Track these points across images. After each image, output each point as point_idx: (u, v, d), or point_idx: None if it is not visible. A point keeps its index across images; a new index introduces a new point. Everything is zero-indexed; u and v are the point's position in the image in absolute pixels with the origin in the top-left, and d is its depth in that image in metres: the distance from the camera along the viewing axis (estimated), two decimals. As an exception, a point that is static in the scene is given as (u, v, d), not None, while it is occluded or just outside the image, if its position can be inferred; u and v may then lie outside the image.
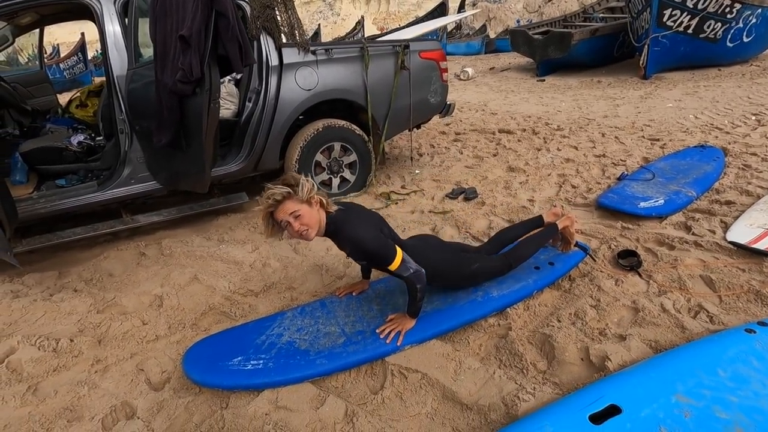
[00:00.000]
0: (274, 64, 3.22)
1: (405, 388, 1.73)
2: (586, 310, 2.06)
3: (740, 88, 7.30)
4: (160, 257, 2.94)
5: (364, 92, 3.57)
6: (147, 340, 2.11)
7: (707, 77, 8.28)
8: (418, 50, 3.81)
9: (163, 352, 2.01)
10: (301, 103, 3.33)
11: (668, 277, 2.33)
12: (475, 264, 2.09)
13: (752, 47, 8.86)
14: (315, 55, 3.35)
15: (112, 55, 2.74)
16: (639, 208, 3.04)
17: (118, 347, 2.08)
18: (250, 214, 3.64)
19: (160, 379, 1.86)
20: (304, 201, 1.72)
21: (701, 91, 7.36)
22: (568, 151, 4.80)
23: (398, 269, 1.77)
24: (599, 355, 1.74)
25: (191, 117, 2.37)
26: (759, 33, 8.61)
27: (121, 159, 2.91)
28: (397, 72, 3.70)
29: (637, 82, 8.58)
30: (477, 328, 2.04)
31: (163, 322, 2.23)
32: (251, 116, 3.26)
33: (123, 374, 1.89)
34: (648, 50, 8.35)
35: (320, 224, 1.78)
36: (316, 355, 1.80)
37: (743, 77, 8.04)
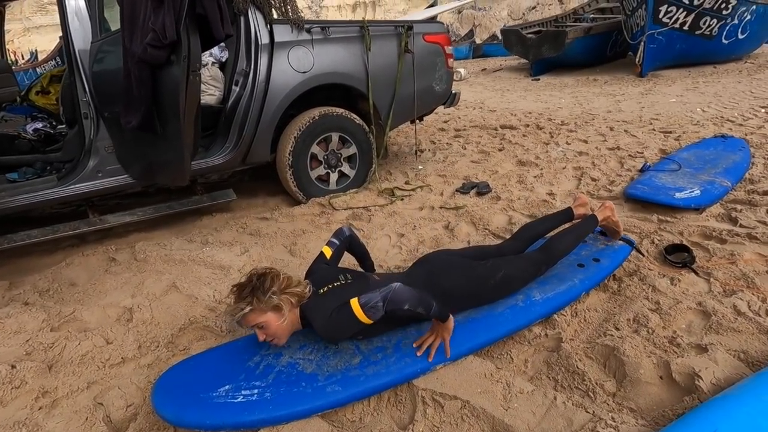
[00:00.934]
0: (265, 42, 2.84)
1: (442, 420, 1.35)
2: (648, 315, 1.72)
3: (740, 83, 7.17)
4: (132, 263, 2.51)
5: (365, 77, 3.22)
6: (110, 365, 1.70)
7: (704, 74, 8.16)
8: (422, 33, 3.47)
9: (129, 379, 1.60)
10: (294, 88, 2.96)
11: (730, 274, 2.01)
12: (499, 272, 1.73)
13: (747, 44, 8.81)
14: (310, 33, 2.98)
15: (72, 27, 2.34)
16: (675, 198, 2.73)
17: (72, 374, 1.65)
18: (239, 213, 3.24)
19: (123, 417, 1.45)
20: (270, 308, 1.46)
21: (701, 86, 7.21)
22: (578, 144, 4.51)
23: (370, 316, 1.38)
24: (684, 371, 1.39)
25: (166, 92, 1.98)
26: (753, 30, 8.56)
27: (85, 149, 2.49)
28: (401, 55, 3.36)
29: (634, 79, 8.41)
30: (520, 340, 1.67)
31: (131, 340, 1.82)
32: (238, 102, 2.87)
33: (75, 410, 1.47)
34: (644, 48, 8.20)
35: (292, 326, 1.53)
36: (326, 380, 1.41)
37: (741, 74, 7.94)
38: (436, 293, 1.48)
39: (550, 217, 2.15)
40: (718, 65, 8.69)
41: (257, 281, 1.49)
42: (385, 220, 2.94)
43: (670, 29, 8.01)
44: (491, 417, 1.32)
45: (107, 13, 2.29)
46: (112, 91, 2.29)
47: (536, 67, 10.16)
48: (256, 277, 1.51)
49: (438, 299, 1.45)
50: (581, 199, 2.19)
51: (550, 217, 2.15)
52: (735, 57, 8.93)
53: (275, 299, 1.45)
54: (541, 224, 2.10)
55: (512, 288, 1.76)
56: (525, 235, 2.03)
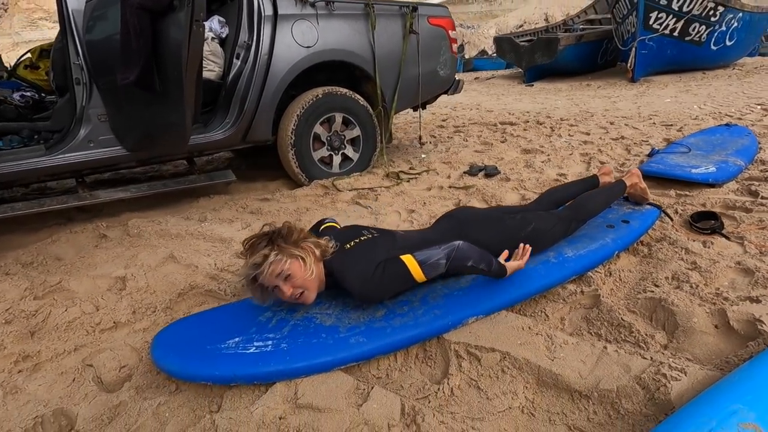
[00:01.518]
0: (268, 14, 2.74)
1: (480, 373, 1.20)
2: (687, 273, 1.60)
3: (731, 86, 7.28)
4: (125, 238, 2.34)
5: (370, 56, 3.13)
6: (101, 329, 1.52)
7: (695, 79, 8.30)
8: (427, 15, 3.41)
9: (123, 341, 1.42)
10: (298, 62, 2.85)
11: (762, 237, 1.91)
12: (529, 225, 1.62)
13: (734, 51, 9.01)
14: (315, 8, 2.89)
15: (67, -15, 2.21)
16: (692, 173, 2.66)
17: (57, 339, 1.47)
18: (237, 196, 3.08)
19: (116, 378, 1.27)
20: (294, 255, 1.28)
21: (694, 89, 7.30)
22: (581, 136, 4.47)
23: (427, 274, 1.30)
24: (743, 318, 1.27)
25: (167, 44, 1.85)
26: (740, 38, 8.77)
27: (76, 117, 2.33)
28: (406, 36, 3.29)
29: (627, 84, 8.52)
30: (554, 298, 1.54)
31: (125, 305, 1.64)
32: (240, 75, 2.75)
33: (61, 373, 1.29)
34: (636, 53, 8.33)
35: (320, 281, 1.35)
36: (348, 331, 1.26)
37: (730, 78, 8.09)
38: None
39: (575, 183, 2.06)
40: (707, 71, 8.86)
41: (274, 232, 1.34)
42: (393, 199, 2.81)
43: (661, 35, 8.16)
44: (536, 367, 1.17)
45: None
46: (108, 52, 2.15)
47: (529, 74, 10.27)
48: (271, 230, 1.36)
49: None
50: (605, 168, 2.12)
51: (575, 183, 2.06)
52: (723, 63, 9.12)
53: (298, 249, 1.30)
54: (565, 189, 2.00)
55: (542, 243, 1.63)
56: (550, 198, 1.93)
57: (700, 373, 1.07)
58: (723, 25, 8.28)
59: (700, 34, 8.26)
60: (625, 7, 8.48)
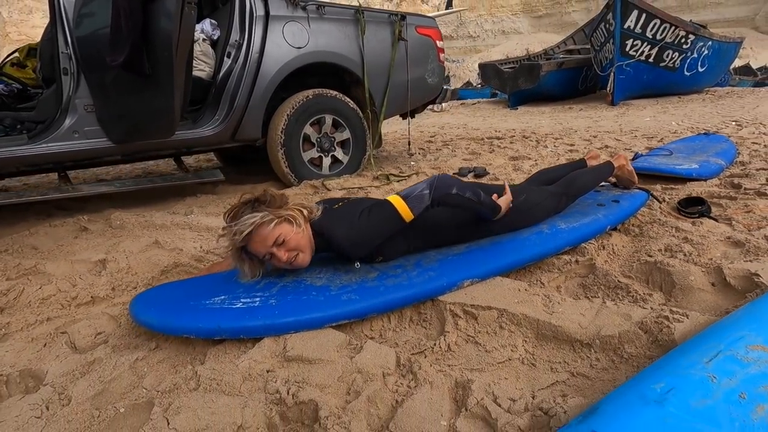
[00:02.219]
0: (260, 14, 2.79)
1: (477, 330, 1.16)
2: (680, 245, 1.60)
3: (706, 107, 7.60)
4: (107, 230, 2.26)
5: (359, 60, 3.19)
6: (77, 304, 1.44)
7: (671, 102, 8.64)
8: (415, 25, 3.52)
9: (100, 312, 1.34)
10: (289, 62, 2.89)
11: (749, 219, 1.93)
12: (521, 196, 1.61)
13: (706, 77, 9.46)
14: (306, 11, 2.96)
15: (59, -24, 2.23)
16: (677, 168, 2.71)
17: (30, 314, 1.38)
18: (225, 196, 3.03)
19: (91, 343, 1.19)
20: (283, 216, 1.24)
21: (671, 110, 7.59)
22: (566, 147, 4.57)
23: (413, 210, 1.26)
24: (739, 275, 1.26)
25: (158, 26, 1.85)
26: (711, 64, 9.23)
27: (62, 107, 2.29)
28: (395, 43, 3.37)
29: (607, 107, 8.82)
30: (548, 268, 1.52)
31: (104, 282, 1.56)
32: (230, 73, 2.77)
33: (31, 340, 1.21)
34: (614, 78, 8.68)
35: (311, 241, 1.30)
36: (340, 290, 1.21)
37: (704, 101, 8.45)
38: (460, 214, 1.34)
39: (564, 165, 2.08)
40: (682, 96, 9.25)
41: (257, 199, 1.29)
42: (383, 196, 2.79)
43: (637, 61, 8.54)
44: (535, 321, 1.13)
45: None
46: (97, 41, 2.15)
47: (513, 98, 10.58)
48: (253, 197, 1.30)
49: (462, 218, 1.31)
50: (593, 152, 2.15)
51: (564, 165, 2.08)
52: (697, 89, 9.54)
53: (286, 210, 1.26)
54: (555, 170, 2.02)
55: (534, 215, 1.63)
56: (540, 178, 1.94)
57: (701, 318, 1.05)
58: (695, 52, 8.72)
59: (673, 60, 8.67)
60: (603, 35, 8.91)
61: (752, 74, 16.13)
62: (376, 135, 3.51)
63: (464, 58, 32.08)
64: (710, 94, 9.51)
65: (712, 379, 0.72)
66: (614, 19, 8.23)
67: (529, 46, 32.87)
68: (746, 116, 6.12)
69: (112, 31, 1.91)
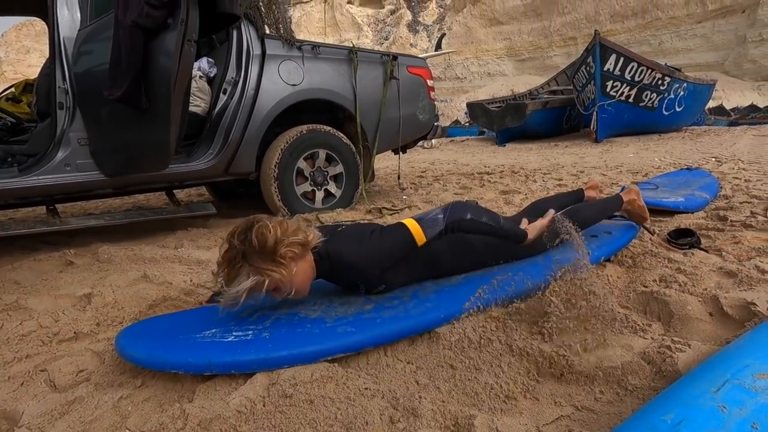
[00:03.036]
0: (256, 53, 2.88)
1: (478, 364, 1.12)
2: (674, 275, 1.61)
3: (686, 144, 7.89)
4: (93, 264, 2.20)
5: (352, 97, 3.28)
6: (59, 340, 1.37)
7: (653, 139, 8.97)
8: (406, 65, 3.65)
9: (84, 348, 1.28)
10: (284, 99, 2.95)
11: (739, 249, 1.96)
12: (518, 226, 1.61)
13: (684, 116, 9.88)
14: (301, 51, 3.06)
15: (61, 15, 2.28)
16: (664, 201, 2.77)
17: (8, 351, 1.31)
18: (217, 229, 3.00)
19: (72, 381, 1.13)
20: (272, 272, 1.16)
21: (653, 147, 7.86)
22: (554, 182, 4.66)
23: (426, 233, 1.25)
24: (736, 304, 1.26)
25: (157, 61, 1.89)
26: (687, 104, 9.67)
27: (56, 140, 2.29)
28: (387, 81, 3.48)
29: (591, 144, 9.11)
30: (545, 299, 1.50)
31: (88, 317, 1.51)
32: (225, 109, 2.82)
33: (7, 378, 1.14)
34: (597, 117, 9.02)
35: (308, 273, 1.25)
36: (336, 322, 1.18)
37: (684, 139, 8.78)
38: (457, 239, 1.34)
39: (561, 195, 2.08)
40: (662, 134, 9.61)
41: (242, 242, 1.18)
42: (377, 229, 2.79)
43: (618, 101, 8.92)
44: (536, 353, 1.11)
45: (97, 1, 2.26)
46: (96, 76, 2.18)
47: (501, 136, 10.89)
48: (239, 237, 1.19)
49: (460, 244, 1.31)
50: (592, 182, 2.13)
51: (561, 195, 2.08)
52: (675, 127, 9.94)
53: (275, 263, 1.15)
54: (552, 201, 2.01)
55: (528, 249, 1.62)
56: (536, 209, 1.94)
57: (703, 347, 1.03)
58: (671, 93, 9.15)
59: (652, 100, 9.07)
60: (584, 77, 9.33)
61: (726, 114, 16.90)
62: (368, 169, 3.55)
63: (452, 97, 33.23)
64: (689, 132, 9.90)
65: (722, 409, 0.70)
66: (594, 62, 8.66)
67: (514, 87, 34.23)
68: (725, 153, 6.35)
69: (112, 67, 1.95)
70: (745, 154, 6.15)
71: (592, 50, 8.72)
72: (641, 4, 27.69)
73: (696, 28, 26.01)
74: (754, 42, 23.73)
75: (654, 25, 27.13)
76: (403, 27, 37.11)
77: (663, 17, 26.67)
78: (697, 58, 25.36)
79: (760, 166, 4.79)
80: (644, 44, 26.04)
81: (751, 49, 23.87)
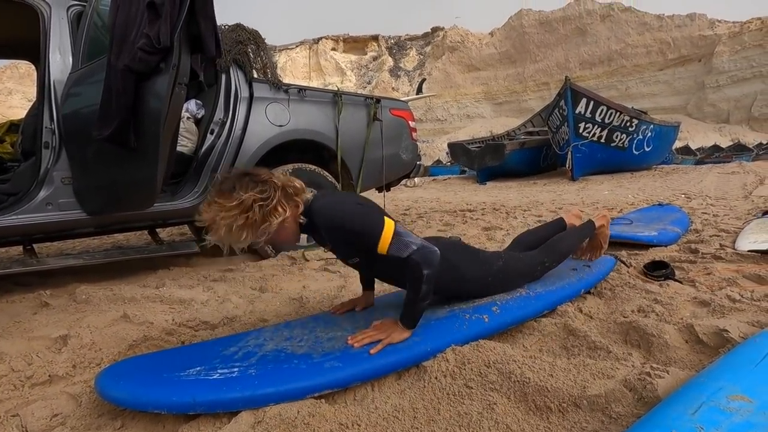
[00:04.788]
0: (244, 96, 2.97)
1: (463, 395, 1.13)
2: (651, 306, 1.66)
3: (656, 182, 8.25)
4: (70, 305, 2.14)
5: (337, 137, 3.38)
6: (33, 384, 1.32)
7: (626, 177, 9.35)
8: (389, 107, 3.81)
9: (59, 391, 1.24)
10: (270, 139, 3.02)
11: (711, 280, 2.04)
12: (499, 261, 1.66)
13: (653, 156, 10.39)
14: (287, 94, 3.18)
15: (53, 59, 2.34)
16: (639, 235, 2.88)
17: (-23, 396, 1.25)
18: (199, 268, 2.96)
19: (45, 425, 1.08)
20: (256, 220, 1.19)
21: (626, 184, 8.19)
22: (534, 218, 4.79)
23: (391, 247, 1.24)
24: (710, 331, 1.31)
25: (148, 102, 1.94)
26: (655, 145, 10.20)
27: (38, 179, 2.28)
28: (370, 123, 3.61)
29: (568, 182, 9.44)
30: (527, 331, 1.53)
31: (64, 359, 1.45)
32: (212, 149, 2.86)
33: (-23, 424, 1.09)
34: (572, 156, 9.42)
35: (296, 226, 1.30)
36: (323, 357, 1.17)
37: (654, 176, 9.18)
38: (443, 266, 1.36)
39: (544, 227, 2.13)
40: (634, 172, 10.04)
41: (239, 179, 1.22)
42: (362, 266, 2.80)
43: (591, 141, 9.35)
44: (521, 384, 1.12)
45: (90, 46, 2.33)
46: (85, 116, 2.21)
47: (481, 174, 11.21)
48: (236, 176, 1.24)
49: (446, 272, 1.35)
50: (574, 211, 2.20)
51: (544, 227, 2.13)
52: (646, 166, 10.41)
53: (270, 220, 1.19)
54: (535, 233, 2.07)
55: (514, 279, 1.66)
56: (520, 242, 1.99)
57: (681, 373, 1.07)
58: (640, 133, 9.66)
59: (622, 141, 9.54)
60: (558, 119, 9.81)
61: (692, 153, 17.85)
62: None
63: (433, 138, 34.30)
64: (658, 171, 10.38)
65: (700, 430, 0.72)
66: (567, 105, 9.14)
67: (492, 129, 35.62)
68: (693, 189, 6.66)
69: (102, 107, 1.99)
70: (712, 190, 6.47)
71: (564, 95, 9.23)
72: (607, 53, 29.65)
73: (658, 75, 27.86)
74: (712, 88, 25.48)
75: (620, 71, 28.98)
76: (385, 72, 38.65)
77: (628, 65, 28.57)
78: (662, 102, 26.98)
79: (727, 202, 5.03)
80: (612, 89, 27.69)
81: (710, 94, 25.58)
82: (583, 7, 30.45)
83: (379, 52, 40.84)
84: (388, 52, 40.63)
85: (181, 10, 1.87)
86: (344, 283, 2.43)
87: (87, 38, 2.32)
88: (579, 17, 30.46)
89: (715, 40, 25.71)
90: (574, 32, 30.71)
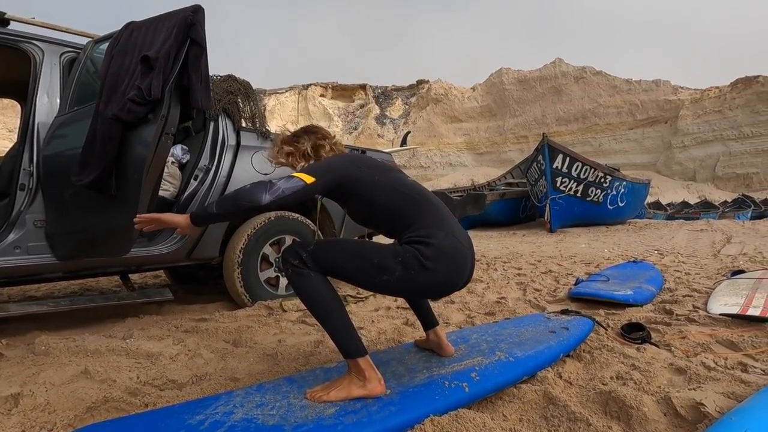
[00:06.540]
0: (231, 144, 3.00)
1: (443, 474, 1.08)
2: (629, 372, 1.66)
3: (630, 237, 8.50)
4: (26, 357, 2.01)
5: (321, 186, 3.40)
6: (-26, 453, 1.21)
7: (601, 231, 9.62)
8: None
9: (3, 463, 1.13)
10: (254, 187, 3.03)
11: (686, 345, 2.07)
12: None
13: (627, 211, 10.78)
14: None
15: (40, 102, 2.34)
16: (616, 294, 2.93)
17: None
18: (171, 316, 2.85)
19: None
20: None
21: (602, 238, 8.42)
22: (514, 270, 4.83)
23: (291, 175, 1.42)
24: (687, 404, 1.31)
25: (133, 150, 1.94)
26: (629, 200, 10.62)
27: (9, 221, 2.21)
28: (355, 173, 3.67)
29: (546, 234, 9.64)
30: (509, 399, 1.50)
31: (13, 423, 1.34)
32: (195, 194, 2.84)
33: None
34: (550, 209, 9.70)
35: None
36: (295, 429, 1.11)
37: (628, 231, 9.48)
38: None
39: None
40: (609, 226, 10.37)
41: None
42: (340, 319, 2.74)
43: (567, 195, 9.68)
44: (502, 461, 1.08)
45: (80, 92, 2.35)
46: (65, 161, 2.19)
47: (462, 223, 11.35)
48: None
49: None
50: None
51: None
52: (620, 220, 10.78)
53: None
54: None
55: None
56: None
57: (661, 452, 1.05)
58: (613, 189, 10.07)
59: (597, 195, 9.91)
60: (536, 172, 10.17)
61: (663, 209, 18.63)
62: (334, 256, 3.57)
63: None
64: (632, 225, 10.74)
65: None
66: (544, 160, 9.52)
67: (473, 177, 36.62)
68: (665, 246, 6.88)
69: (84, 153, 1.97)
70: (683, 247, 6.69)
71: (542, 150, 9.64)
72: (581, 111, 31.43)
73: (629, 134, 29.51)
74: (678, 147, 27.04)
75: (593, 129, 30.62)
76: (371, 119, 39.90)
77: (600, 123, 30.28)
78: (633, 159, 28.41)
79: (697, 260, 5.20)
80: (586, 145, 29.11)
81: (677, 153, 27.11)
82: (558, 69, 32.59)
83: (366, 100, 42.34)
84: (375, 101, 42.14)
85: (175, 64, 1.92)
86: (321, 338, 2.36)
87: (77, 84, 2.35)
88: (555, 77, 32.51)
89: (678, 104, 27.67)
90: (550, 91, 32.64)
